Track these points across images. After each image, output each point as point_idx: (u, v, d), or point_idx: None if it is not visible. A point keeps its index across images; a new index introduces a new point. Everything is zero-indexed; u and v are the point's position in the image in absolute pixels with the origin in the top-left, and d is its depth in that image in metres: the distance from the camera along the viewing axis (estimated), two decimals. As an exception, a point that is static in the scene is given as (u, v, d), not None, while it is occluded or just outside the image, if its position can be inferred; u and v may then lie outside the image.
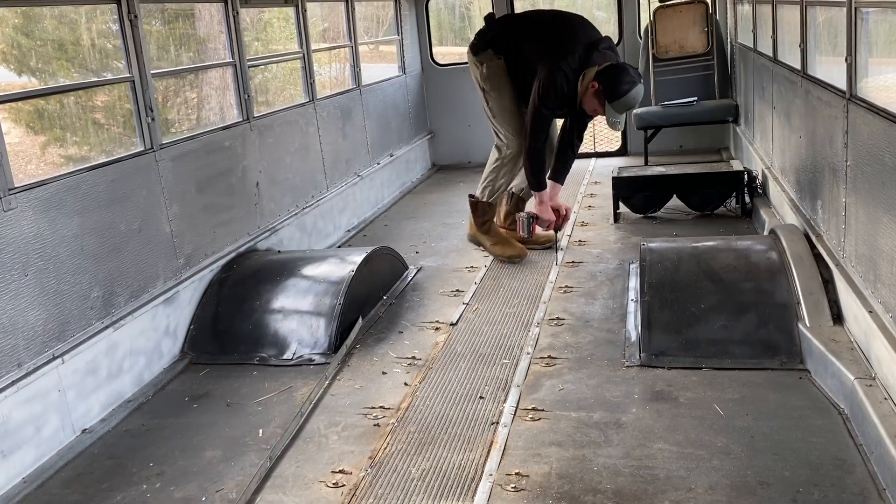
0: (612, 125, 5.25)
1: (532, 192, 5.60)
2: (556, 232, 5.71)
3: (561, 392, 3.85)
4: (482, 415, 3.70)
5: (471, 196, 5.90)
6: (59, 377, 3.70)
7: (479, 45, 5.56)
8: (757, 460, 3.14)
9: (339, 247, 6.64)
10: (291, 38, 6.72)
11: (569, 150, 5.61)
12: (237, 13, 5.50)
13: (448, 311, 5.01)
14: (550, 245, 5.87)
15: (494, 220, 5.98)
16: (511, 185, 5.94)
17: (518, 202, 6.07)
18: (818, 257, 4.32)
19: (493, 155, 5.77)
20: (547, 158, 5.57)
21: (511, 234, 5.98)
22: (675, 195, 6.67)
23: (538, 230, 5.68)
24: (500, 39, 5.52)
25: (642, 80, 5.18)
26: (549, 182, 5.57)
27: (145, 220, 4.40)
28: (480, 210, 5.83)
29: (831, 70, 4.31)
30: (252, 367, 4.42)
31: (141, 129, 4.47)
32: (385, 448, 3.47)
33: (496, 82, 5.55)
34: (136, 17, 4.40)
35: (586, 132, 5.71)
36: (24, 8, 4.53)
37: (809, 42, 4.90)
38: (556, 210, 5.55)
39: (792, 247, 4.39)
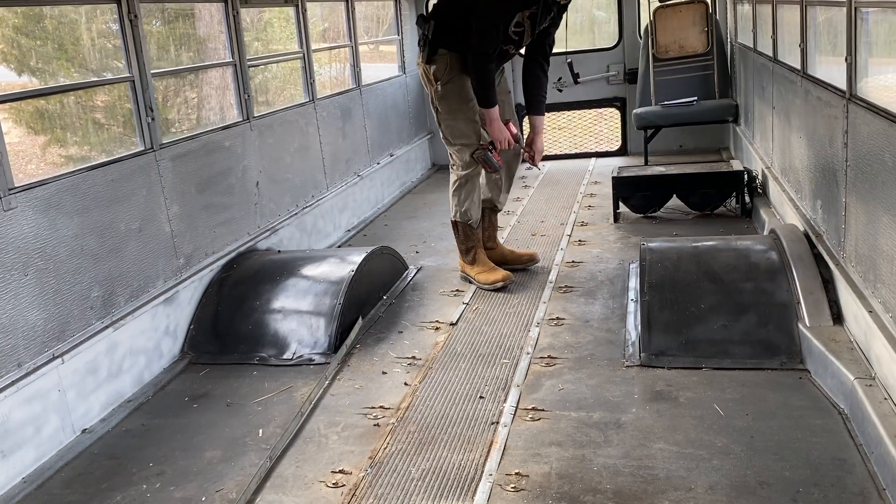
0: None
1: (482, 109, 5.08)
2: (531, 161, 5.45)
3: (561, 392, 3.85)
4: (482, 415, 3.70)
5: (451, 220, 5.51)
6: (58, 377, 3.71)
7: (430, 51, 5.04)
8: (757, 460, 3.14)
9: (339, 247, 6.64)
10: (291, 38, 6.72)
11: (539, 72, 5.28)
12: (237, 13, 5.50)
13: (448, 310, 5.01)
14: (534, 264, 5.61)
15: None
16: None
17: (493, 216, 5.68)
18: (818, 257, 4.32)
19: (452, 177, 5.39)
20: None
21: (493, 255, 5.59)
22: (674, 195, 6.67)
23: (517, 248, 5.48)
24: (437, 32, 5.01)
25: None
26: (529, 117, 5.34)
27: (145, 219, 4.40)
28: (462, 233, 5.42)
29: (831, 70, 4.31)
30: (252, 366, 4.42)
31: (141, 128, 4.47)
32: (385, 448, 3.47)
33: (452, 104, 5.11)
34: (136, 16, 4.40)
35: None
36: (23, 8, 4.53)
37: (809, 42, 4.90)
38: (530, 149, 5.34)
39: (792, 247, 4.39)
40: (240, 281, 4.94)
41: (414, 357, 4.39)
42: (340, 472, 3.32)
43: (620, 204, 6.70)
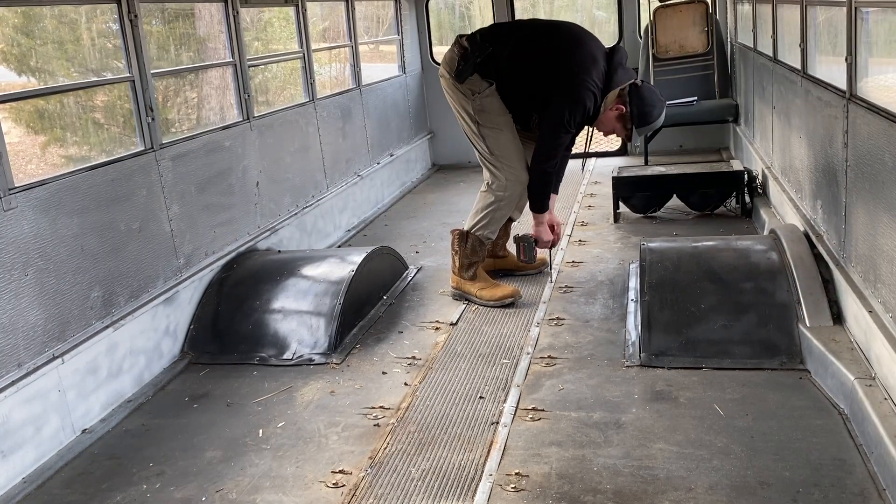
0: (634, 148, 5.02)
1: (532, 212, 5.02)
2: (549, 249, 5.33)
3: (561, 392, 3.85)
4: (482, 415, 3.70)
5: (455, 230, 5.21)
6: (59, 377, 3.70)
7: (466, 71, 4.85)
8: (757, 460, 3.14)
9: (339, 247, 6.64)
10: (291, 38, 6.72)
11: (562, 157, 5.07)
12: (237, 13, 5.50)
13: (448, 310, 5.01)
14: (544, 269, 5.50)
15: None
16: None
17: (507, 224, 5.43)
18: (818, 257, 4.32)
19: (488, 198, 5.06)
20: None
21: (498, 263, 5.50)
22: (675, 195, 6.68)
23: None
24: (488, 62, 4.83)
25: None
26: None
27: (145, 219, 4.40)
28: (470, 246, 5.09)
29: (831, 70, 4.32)
30: (252, 366, 4.42)
31: (141, 128, 4.47)
32: (385, 448, 3.47)
33: (494, 116, 4.91)
34: (136, 16, 4.40)
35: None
36: (23, 8, 4.53)
37: (809, 42, 4.90)
38: (550, 227, 5.11)
39: (792, 247, 4.39)
40: (240, 281, 4.94)
41: (414, 357, 4.39)
42: (340, 472, 3.32)
43: (620, 204, 6.70)
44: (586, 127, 5.10)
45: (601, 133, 5.12)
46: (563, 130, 4.76)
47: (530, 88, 4.86)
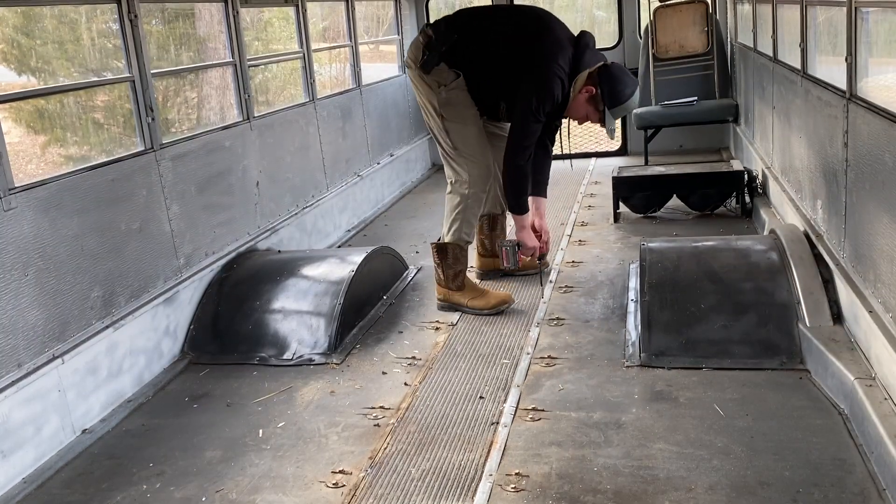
0: (610, 133, 4.81)
1: (512, 214, 4.86)
2: (539, 260, 5.20)
3: (561, 392, 3.85)
4: (482, 415, 3.70)
5: (435, 244, 5.02)
6: (59, 377, 3.70)
7: (432, 61, 4.70)
8: (757, 460, 3.14)
9: (339, 247, 6.64)
10: (291, 38, 6.72)
11: (541, 151, 4.90)
12: (237, 13, 5.50)
13: (448, 310, 5.01)
14: (544, 269, 5.43)
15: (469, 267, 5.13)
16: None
17: (492, 222, 5.36)
18: (818, 257, 4.32)
19: (454, 199, 4.90)
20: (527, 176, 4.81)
21: (498, 263, 5.29)
22: (675, 195, 6.68)
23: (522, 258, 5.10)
24: (455, 50, 4.69)
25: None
26: (533, 198, 4.94)
27: (145, 219, 4.40)
28: (451, 256, 4.91)
29: (831, 70, 4.32)
30: (252, 367, 4.42)
31: (141, 128, 4.48)
32: (385, 448, 3.47)
33: (460, 110, 4.77)
34: (136, 16, 4.40)
35: (576, 131, 5.32)
36: (24, 8, 4.53)
37: (809, 42, 4.90)
38: (536, 234, 4.97)
39: (792, 247, 4.39)
40: (240, 281, 4.94)
41: (414, 357, 4.39)
42: (340, 472, 3.32)
43: (620, 204, 6.70)
44: (564, 121, 4.97)
45: (576, 122, 4.95)
46: (532, 119, 4.59)
47: (499, 76, 4.72)
